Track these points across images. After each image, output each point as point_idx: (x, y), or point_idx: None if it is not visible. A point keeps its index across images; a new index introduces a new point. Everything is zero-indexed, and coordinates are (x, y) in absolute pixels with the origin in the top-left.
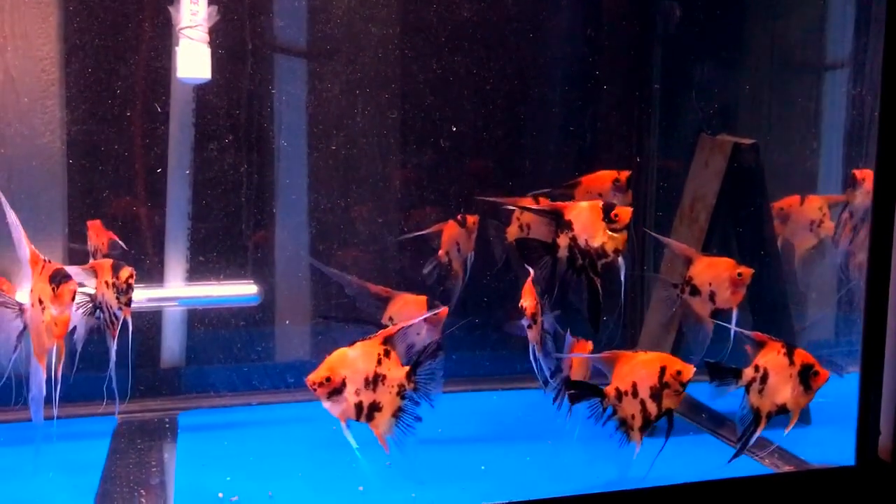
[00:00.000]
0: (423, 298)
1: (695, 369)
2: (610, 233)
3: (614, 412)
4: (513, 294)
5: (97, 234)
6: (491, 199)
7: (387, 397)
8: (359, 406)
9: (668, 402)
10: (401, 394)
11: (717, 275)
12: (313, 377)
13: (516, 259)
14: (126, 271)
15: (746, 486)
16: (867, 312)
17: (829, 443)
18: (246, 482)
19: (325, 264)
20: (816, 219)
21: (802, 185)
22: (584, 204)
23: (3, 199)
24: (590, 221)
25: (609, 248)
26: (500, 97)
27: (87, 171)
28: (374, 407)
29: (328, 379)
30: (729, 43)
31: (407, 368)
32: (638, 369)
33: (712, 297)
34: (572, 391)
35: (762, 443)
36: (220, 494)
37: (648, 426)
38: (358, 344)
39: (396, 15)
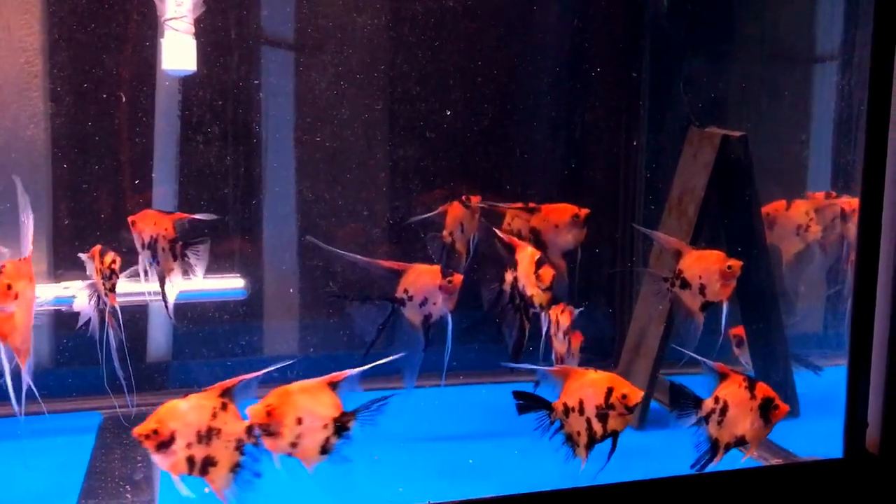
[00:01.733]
0: (437, 268)
1: (642, 394)
2: (539, 287)
3: (561, 426)
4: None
5: (155, 223)
6: (490, 204)
7: (223, 452)
8: (190, 460)
9: (613, 424)
10: (239, 448)
11: (706, 268)
12: (139, 429)
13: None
14: (109, 256)
15: (735, 479)
16: (855, 305)
17: (818, 435)
18: None
19: (312, 259)
20: (803, 223)
21: (792, 178)
22: (528, 250)
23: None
24: (526, 270)
25: (536, 300)
26: (488, 88)
27: (71, 164)
28: (209, 462)
29: (155, 431)
30: (718, 34)
31: (247, 423)
32: (586, 387)
33: (702, 290)
34: (520, 402)
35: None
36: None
37: (594, 445)
38: (192, 396)
39: (383, 5)
